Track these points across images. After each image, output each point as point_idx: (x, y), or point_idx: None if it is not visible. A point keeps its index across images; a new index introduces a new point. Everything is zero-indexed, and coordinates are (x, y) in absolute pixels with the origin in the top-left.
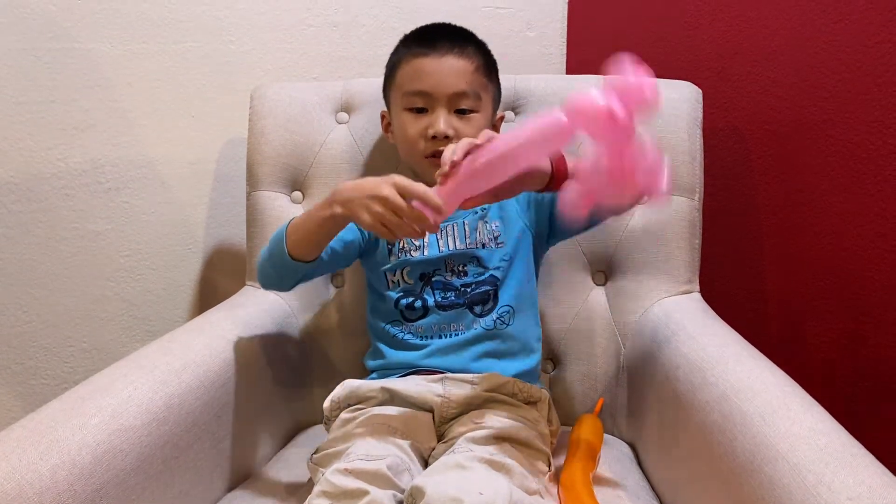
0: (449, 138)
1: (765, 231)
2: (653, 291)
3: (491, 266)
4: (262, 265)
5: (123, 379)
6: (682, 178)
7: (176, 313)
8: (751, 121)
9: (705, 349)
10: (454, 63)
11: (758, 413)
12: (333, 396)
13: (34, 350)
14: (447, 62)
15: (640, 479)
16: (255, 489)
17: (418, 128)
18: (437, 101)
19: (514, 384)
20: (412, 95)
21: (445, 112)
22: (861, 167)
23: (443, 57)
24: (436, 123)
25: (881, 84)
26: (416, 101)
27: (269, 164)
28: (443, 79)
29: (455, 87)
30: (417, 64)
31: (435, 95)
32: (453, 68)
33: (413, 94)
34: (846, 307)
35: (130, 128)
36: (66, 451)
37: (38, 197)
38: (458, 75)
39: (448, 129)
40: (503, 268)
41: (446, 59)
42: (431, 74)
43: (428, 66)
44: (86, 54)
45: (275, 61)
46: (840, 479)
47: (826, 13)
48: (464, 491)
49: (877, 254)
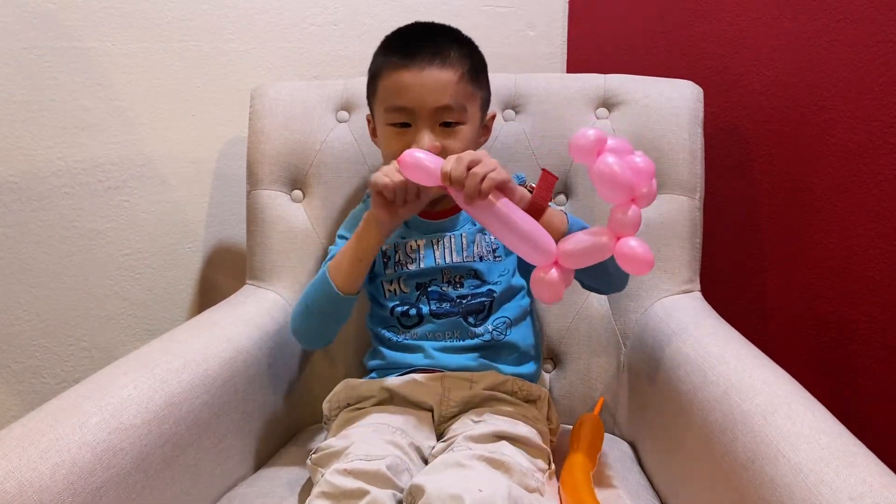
0: None
1: (766, 230)
2: (653, 290)
3: (490, 280)
4: (301, 321)
5: (123, 378)
6: (683, 176)
7: (176, 312)
8: (752, 119)
9: (706, 348)
10: (436, 75)
11: (759, 412)
12: (333, 396)
13: (34, 349)
14: (429, 75)
15: (640, 479)
16: (255, 488)
17: (401, 145)
18: (419, 118)
19: (514, 382)
20: (394, 111)
21: (428, 130)
22: (862, 166)
23: (423, 70)
24: (419, 142)
25: (882, 83)
26: (399, 116)
27: (270, 163)
28: (425, 94)
29: (437, 101)
30: (397, 78)
31: (417, 111)
32: (436, 81)
33: (394, 109)
34: (847, 306)
35: (130, 127)
36: (67, 450)
37: (38, 196)
38: (441, 89)
39: (432, 148)
40: (502, 282)
41: (428, 72)
42: (412, 89)
43: (408, 81)
44: (86, 53)
45: (275, 60)
46: (842, 479)
47: (827, 12)
48: (463, 489)
49: (877, 253)
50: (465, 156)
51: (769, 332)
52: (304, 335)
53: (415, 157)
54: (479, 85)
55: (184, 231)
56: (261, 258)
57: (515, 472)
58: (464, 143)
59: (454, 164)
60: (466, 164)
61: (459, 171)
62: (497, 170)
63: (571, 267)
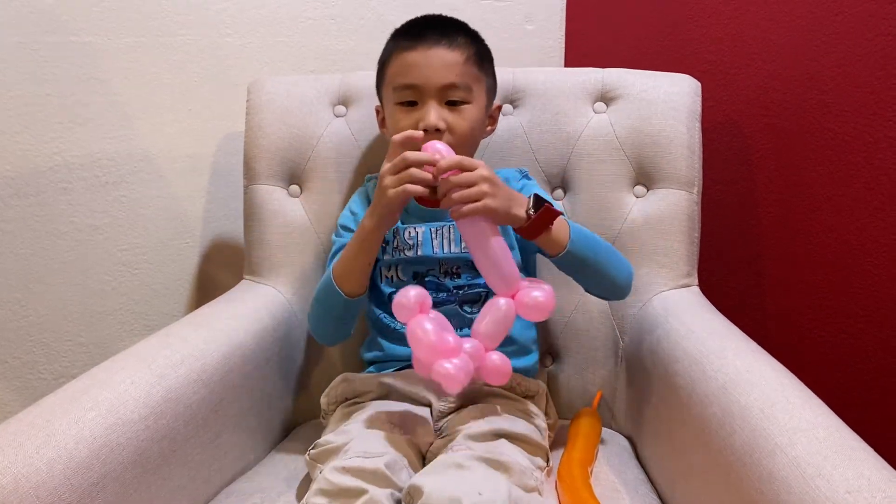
0: (440, 131)
1: (764, 224)
2: (651, 285)
3: None
4: (317, 325)
5: (121, 373)
6: (681, 171)
7: (174, 307)
8: (750, 114)
9: (704, 342)
10: (443, 54)
11: (757, 406)
12: (331, 390)
13: (31, 345)
14: (435, 54)
15: (638, 473)
16: (253, 483)
17: (409, 122)
18: (426, 94)
19: (513, 378)
20: (402, 89)
21: (436, 105)
22: (860, 160)
23: (431, 49)
24: (426, 117)
25: (880, 77)
26: (406, 94)
27: (267, 158)
28: (431, 71)
29: (444, 78)
30: (406, 57)
31: (424, 88)
32: (442, 60)
33: (402, 87)
34: (844, 300)
35: (128, 122)
36: (63, 445)
37: (35, 191)
38: (447, 67)
39: (439, 121)
40: None
41: (434, 51)
42: (419, 67)
43: (416, 59)
44: (82, 47)
45: (272, 54)
46: (839, 473)
47: (825, 6)
48: (462, 492)
49: (875, 246)
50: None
51: (767, 326)
52: (322, 336)
53: (436, 147)
54: (485, 71)
55: (181, 226)
56: (258, 253)
57: (515, 471)
58: (469, 123)
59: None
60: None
61: (445, 186)
62: (484, 202)
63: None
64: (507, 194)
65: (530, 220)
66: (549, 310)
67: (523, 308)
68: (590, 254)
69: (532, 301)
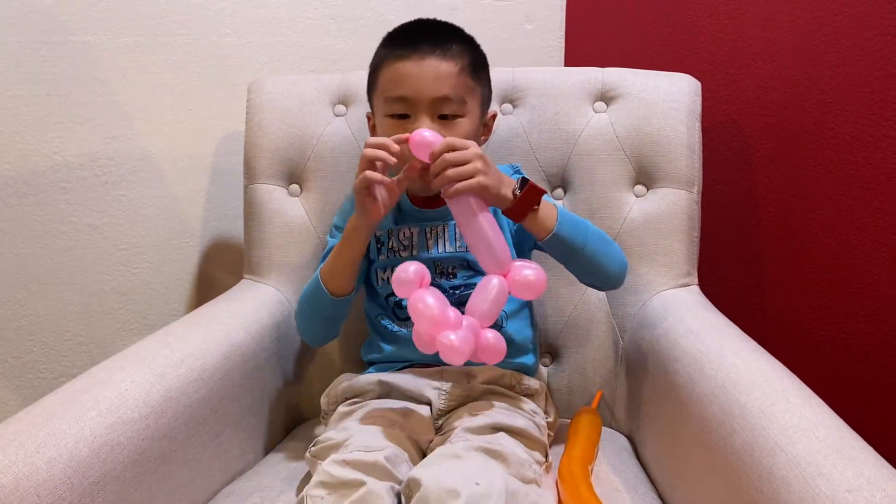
0: None
1: (764, 224)
2: (651, 284)
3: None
4: (304, 325)
5: (121, 372)
6: (681, 170)
7: (173, 307)
8: (750, 113)
9: (704, 342)
10: (436, 66)
11: (756, 405)
12: (331, 390)
13: (31, 344)
14: (428, 65)
15: (638, 472)
16: (253, 482)
17: None
18: (418, 107)
19: (512, 376)
20: (393, 101)
21: (427, 119)
22: (860, 160)
23: (424, 59)
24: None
25: (880, 76)
26: (397, 107)
27: (267, 157)
28: (424, 83)
29: (437, 91)
30: (398, 68)
31: (416, 101)
32: (435, 71)
33: (394, 99)
34: (844, 300)
35: (127, 121)
36: (64, 444)
37: (35, 191)
38: (441, 79)
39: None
40: None
41: (427, 62)
42: (412, 78)
43: (408, 70)
44: (82, 47)
45: (272, 54)
46: (839, 472)
47: (824, 6)
48: (460, 482)
49: (875, 246)
50: (458, 145)
51: (767, 326)
52: (310, 337)
53: (423, 135)
54: (480, 81)
55: (181, 226)
56: (258, 253)
57: (512, 462)
58: (462, 137)
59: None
60: (452, 160)
61: (440, 164)
62: (477, 178)
63: (488, 324)
64: (497, 174)
65: (517, 200)
66: (541, 288)
67: (515, 286)
68: (579, 238)
69: (523, 279)
